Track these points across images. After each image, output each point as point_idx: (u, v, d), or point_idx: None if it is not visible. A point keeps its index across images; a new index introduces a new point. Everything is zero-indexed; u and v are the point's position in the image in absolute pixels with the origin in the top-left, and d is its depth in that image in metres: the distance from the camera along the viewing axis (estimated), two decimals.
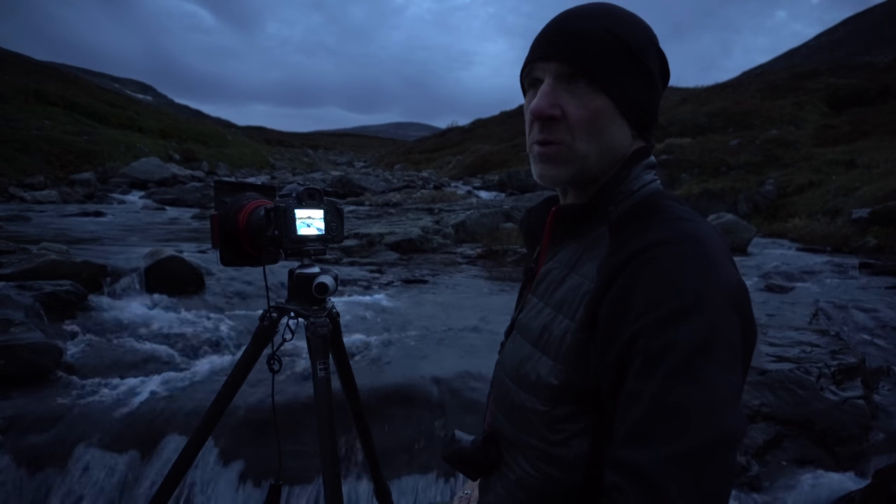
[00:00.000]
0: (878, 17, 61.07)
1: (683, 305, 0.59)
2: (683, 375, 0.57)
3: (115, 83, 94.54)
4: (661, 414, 0.57)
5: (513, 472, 0.78)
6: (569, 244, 0.78)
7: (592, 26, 0.71)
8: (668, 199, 0.74)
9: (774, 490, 2.43)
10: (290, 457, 2.06)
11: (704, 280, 0.60)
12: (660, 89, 0.77)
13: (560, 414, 0.70)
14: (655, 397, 0.57)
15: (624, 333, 0.62)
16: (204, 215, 10.23)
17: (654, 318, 0.59)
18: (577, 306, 0.70)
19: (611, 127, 0.72)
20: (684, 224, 0.67)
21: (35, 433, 2.05)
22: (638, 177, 0.76)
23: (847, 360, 3.15)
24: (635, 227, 0.69)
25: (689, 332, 0.58)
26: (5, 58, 32.95)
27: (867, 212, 9.61)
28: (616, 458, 0.60)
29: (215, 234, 1.26)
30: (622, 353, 0.62)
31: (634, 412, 0.59)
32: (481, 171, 23.88)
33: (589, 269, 0.71)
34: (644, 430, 0.58)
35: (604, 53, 0.70)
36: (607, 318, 0.64)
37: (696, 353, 0.57)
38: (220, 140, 34.01)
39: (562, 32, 0.72)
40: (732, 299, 0.61)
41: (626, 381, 0.61)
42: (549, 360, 0.72)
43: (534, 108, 0.72)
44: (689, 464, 0.55)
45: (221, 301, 3.98)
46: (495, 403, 0.85)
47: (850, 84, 24.10)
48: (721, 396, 0.57)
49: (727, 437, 0.56)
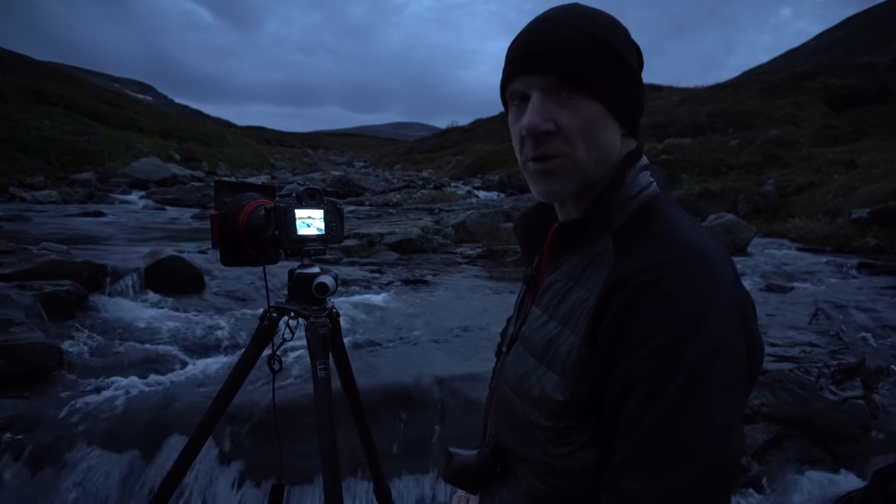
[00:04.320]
0: (879, 17, 61.08)
1: (684, 333, 0.59)
2: (682, 406, 0.57)
3: (115, 83, 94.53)
4: (657, 444, 0.58)
5: (519, 484, 0.77)
6: (571, 255, 0.77)
7: (569, 32, 0.69)
8: (666, 205, 0.73)
9: (774, 490, 2.43)
10: (290, 457, 2.06)
11: (706, 302, 0.60)
12: (642, 82, 0.77)
13: (564, 428, 0.70)
14: (653, 427, 0.58)
15: (625, 360, 0.62)
16: (204, 215, 10.23)
17: (655, 348, 0.59)
18: (583, 321, 0.69)
19: (604, 131, 0.71)
20: (689, 238, 0.66)
21: (35, 433, 2.05)
22: (634, 181, 0.75)
23: (847, 360, 3.15)
24: (636, 239, 0.68)
25: (689, 362, 0.58)
26: (5, 58, 32.96)
27: (867, 212, 9.60)
28: (612, 484, 0.62)
29: (215, 234, 1.27)
30: (623, 378, 0.62)
31: (632, 440, 0.60)
32: (481, 171, 23.88)
33: (594, 283, 0.70)
34: (640, 459, 0.59)
35: (586, 58, 0.69)
36: (608, 338, 0.64)
37: (697, 383, 0.57)
38: (220, 140, 34.03)
39: (541, 43, 0.70)
40: (736, 316, 0.61)
41: (626, 406, 0.62)
42: (555, 376, 0.71)
43: (528, 126, 0.69)
44: (686, 495, 0.56)
45: (221, 301, 3.98)
46: (498, 415, 0.84)
47: (850, 84, 24.08)
48: (719, 425, 0.58)
49: (723, 467, 0.57)
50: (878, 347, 3.92)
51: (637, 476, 0.59)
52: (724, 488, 0.58)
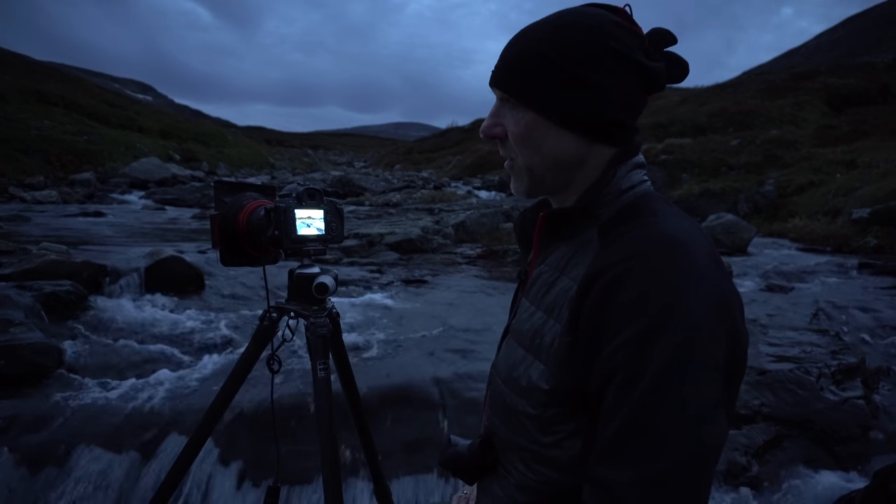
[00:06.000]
0: (879, 17, 61.09)
1: (659, 323, 0.59)
2: (658, 395, 0.58)
3: (115, 83, 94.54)
4: (633, 434, 0.59)
5: (510, 475, 0.79)
6: (559, 247, 0.79)
7: (524, 47, 0.74)
8: (656, 201, 0.74)
9: (774, 490, 2.43)
10: (290, 457, 2.06)
11: (682, 293, 0.60)
12: (615, 90, 0.72)
13: (551, 417, 0.71)
14: (630, 417, 0.59)
15: (604, 349, 0.63)
16: (204, 215, 10.23)
17: (631, 337, 0.60)
18: (565, 310, 0.70)
19: (547, 138, 0.74)
20: (668, 229, 0.66)
21: (35, 433, 2.05)
22: (625, 176, 0.75)
23: (847, 360, 3.15)
24: (620, 230, 0.69)
25: (663, 351, 0.58)
26: (5, 58, 32.95)
27: (867, 212, 9.60)
28: (591, 474, 0.63)
29: (215, 234, 1.26)
30: (603, 368, 0.63)
31: (610, 430, 0.61)
32: (481, 171, 23.88)
33: (578, 272, 0.71)
34: (618, 449, 0.60)
35: (528, 72, 0.73)
36: (587, 328, 0.65)
37: (672, 372, 0.58)
38: (220, 140, 34.03)
39: (500, 58, 0.77)
40: (713, 309, 0.61)
41: (605, 396, 0.63)
42: (541, 365, 0.72)
43: (481, 130, 0.79)
44: (660, 484, 0.57)
45: (221, 301, 3.98)
46: (490, 406, 0.86)
47: (850, 84, 24.09)
48: (696, 414, 0.58)
49: (700, 455, 0.58)
50: (878, 347, 3.92)
51: (614, 466, 0.60)
52: (700, 477, 0.59)
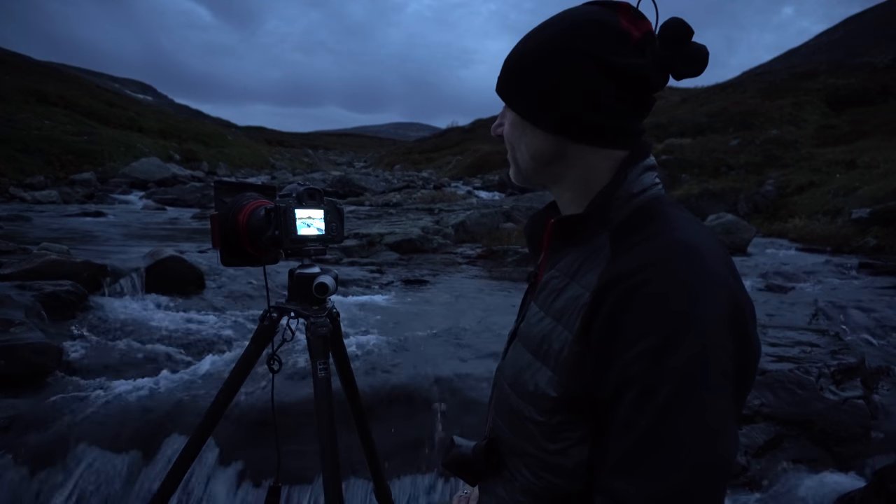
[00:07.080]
0: (879, 17, 61.08)
1: (673, 334, 0.59)
2: (673, 408, 0.58)
3: (115, 83, 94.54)
4: (649, 446, 0.59)
5: (514, 478, 0.78)
6: (570, 252, 0.78)
7: (513, 54, 0.79)
8: (668, 206, 0.73)
9: (774, 490, 2.43)
10: (290, 457, 2.06)
11: (696, 303, 0.60)
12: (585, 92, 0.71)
13: (558, 424, 0.70)
14: (646, 429, 0.59)
15: (617, 361, 0.62)
16: (204, 215, 10.23)
17: (645, 349, 0.60)
18: (575, 318, 0.69)
19: (525, 137, 0.80)
20: (684, 237, 0.66)
21: (35, 433, 2.05)
22: (636, 179, 0.75)
23: (847, 360, 3.14)
24: (633, 237, 0.68)
25: (680, 363, 0.58)
26: (5, 58, 32.96)
27: (867, 212, 9.60)
28: (605, 486, 0.63)
29: (215, 234, 1.27)
30: (617, 378, 0.62)
31: (624, 442, 0.61)
32: (481, 171, 23.90)
33: (589, 280, 0.70)
34: (633, 461, 0.60)
35: (510, 78, 0.79)
36: (600, 337, 0.65)
37: (687, 385, 0.58)
38: (220, 140, 34.03)
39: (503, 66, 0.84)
40: (728, 316, 0.61)
41: (619, 407, 0.62)
42: (549, 371, 0.72)
43: (491, 128, 0.89)
44: (677, 497, 0.57)
45: (221, 301, 3.98)
46: (496, 409, 0.86)
47: (850, 84, 24.08)
48: (710, 427, 0.58)
49: (714, 468, 0.58)
50: (878, 347, 3.92)
51: (629, 478, 0.60)
52: (715, 489, 0.59)
